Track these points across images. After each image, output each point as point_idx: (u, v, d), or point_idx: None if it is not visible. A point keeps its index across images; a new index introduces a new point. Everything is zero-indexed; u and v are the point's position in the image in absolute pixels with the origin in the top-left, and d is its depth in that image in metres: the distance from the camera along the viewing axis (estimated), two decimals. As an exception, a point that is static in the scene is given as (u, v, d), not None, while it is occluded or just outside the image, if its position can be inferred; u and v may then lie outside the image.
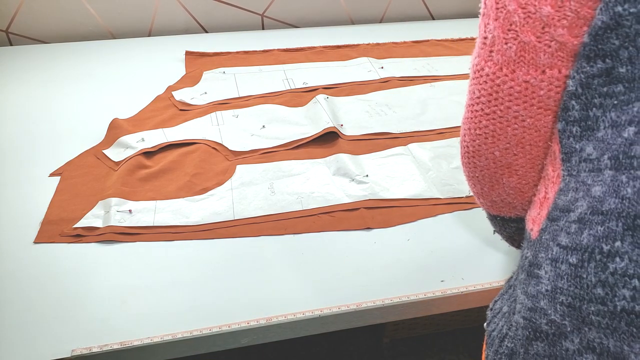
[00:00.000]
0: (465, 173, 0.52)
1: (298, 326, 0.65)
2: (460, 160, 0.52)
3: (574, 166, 0.40)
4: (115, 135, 0.95)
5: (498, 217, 0.55)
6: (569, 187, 0.41)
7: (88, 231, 0.75)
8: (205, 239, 0.75)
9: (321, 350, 1.19)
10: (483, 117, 0.45)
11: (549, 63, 0.40)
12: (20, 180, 0.85)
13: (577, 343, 0.38)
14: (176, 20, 1.39)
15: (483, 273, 0.70)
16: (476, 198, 0.55)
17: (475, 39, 0.45)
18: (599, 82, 0.38)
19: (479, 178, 0.50)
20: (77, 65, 1.20)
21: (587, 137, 0.39)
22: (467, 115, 0.48)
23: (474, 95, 0.45)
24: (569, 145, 0.41)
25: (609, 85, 0.37)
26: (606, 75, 0.37)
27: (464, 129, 0.49)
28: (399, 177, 0.87)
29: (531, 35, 0.39)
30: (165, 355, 0.62)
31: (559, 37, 0.39)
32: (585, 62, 0.38)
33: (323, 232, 0.76)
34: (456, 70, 1.21)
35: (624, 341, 0.35)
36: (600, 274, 0.36)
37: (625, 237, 0.35)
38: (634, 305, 0.34)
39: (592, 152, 0.39)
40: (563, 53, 0.39)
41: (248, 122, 1.01)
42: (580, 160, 0.40)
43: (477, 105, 0.45)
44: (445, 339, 1.21)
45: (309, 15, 1.46)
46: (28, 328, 0.62)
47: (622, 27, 0.35)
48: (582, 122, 0.39)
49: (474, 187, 0.53)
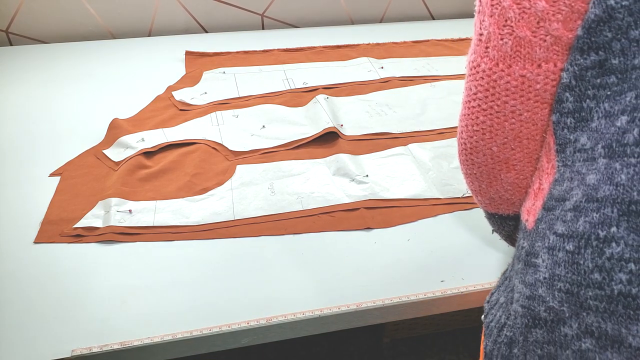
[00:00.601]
0: (463, 170, 0.53)
1: (298, 326, 0.65)
2: (458, 157, 0.52)
3: (569, 157, 0.41)
4: (115, 135, 0.95)
5: (496, 215, 0.55)
6: (563, 177, 0.41)
7: (88, 231, 0.75)
8: (205, 239, 0.75)
9: (321, 350, 1.19)
10: (480, 113, 0.46)
11: (544, 57, 0.41)
12: (20, 180, 0.85)
13: (575, 328, 0.38)
14: (176, 20, 1.39)
15: (483, 273, 0.70)
16: (474, 196, 0.55)
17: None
18: (593, 74, 0.38)
19: (476, 175, 0.51)
20: (77, 65, 1.20)
21: (581, 128, 0.40)
22: (464, 112, 0.48)
23: (471, 91, 0.46)
24: (563, 137, 0.42)
25: (602, 76, 0.38)
26: (599, 67, 0.38)
27: (461, 125, 0.49)
28: (399, 177, 0.87)
29: (526, 30, 0.40)
30: (165, 355, 0.62)
31: (554, 32, 0.39)
32: (579, 54, 0.39)
33: (323, 232, 0.76)
34: (456, 70, 1.21)
35: (621, 324, 0.36)
36: (597, 260, 0.36)
37: (621, 223, 0.35)
38: (630, 288, 0.35)
39: (586, 142, 0.39)
40: (558, 47, 0.40)
41: (248, 122, 1.01)
42: (575, 150, 0.40)
43: (474, 101, 0.46)
44: (445, 339, 1.21)
45: (309, 15, 1.46)
46: (28, 328, 0.62)
47: (614, 20, 0.36)
48: (576, 114, 0.40)
49: (471, 185, 0.53)
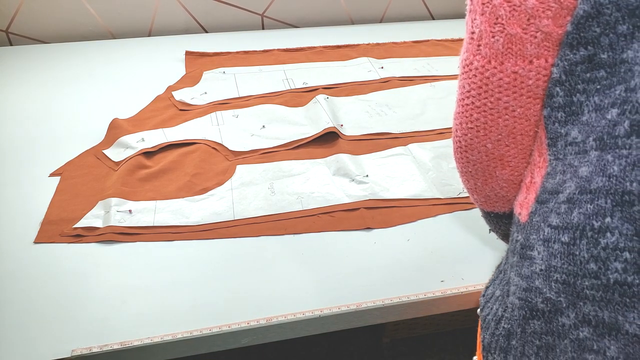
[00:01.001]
0: (459, 168, 0.53)
1: (298, 326, 0.65)
2: (453, 156, 0.53)
3: (560, 150, 0.42)
4: (115, 135, 0.95)
5: (492, 214, 0.55)
6: (556, 170, 0.42)
7: (88, 231, 0.75)
8: (206, 239, 0.75)
9: (321, 350, 1.19)
10: (474, 110, 0.46)
11: (535, 53, 0.41)
12: (20, 180, 0.85)
13: (572, 318, 0.39)
14: (176, 20, 1.39)
15: (483, 273, 0.70)
16: (470, 195, 0.55)
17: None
18: (582, 69, 0.39)
19: (472, 173, 0.51)
20: (77, 65, 1.20)
21: (571, 122, 0.41)
22: (458, 110, 0.49)
23: (464, 89, 0.47)
24: (554, 131, 0.42)
25: (592, 71, 0.39)
26: (588, 61, 0.39)
27: (456, 124, 0.50)
28: (399, 177, 0.87)
29: (517, 28, 0.41)
30: (165, 355, 0.62)
31: (544, 28, 0.40)
32: (568, 50, 0.39)
33: (323, 232, 0.76)
34: (456, 70, 1.21)
35: (618, 312, 0.36)
36: (592, 250, 0.37)
37: (615, 213, 0.36)
38: (625, 276, 0.35)
39: (578, 136, 0.40)
40: (549, 43, 0.40)
41: (248, 122, 1.01)
42: (566, 144, 0.41)
43: (468, 99, 0.47)
44: (445, 339, 1.21)
45: (309, 15, 1.46)
46: (28, 328, 0.62)
47: (602, 15, 0.37)
48: (567, 108, 0.41)
49: (467, 183, 0.54)
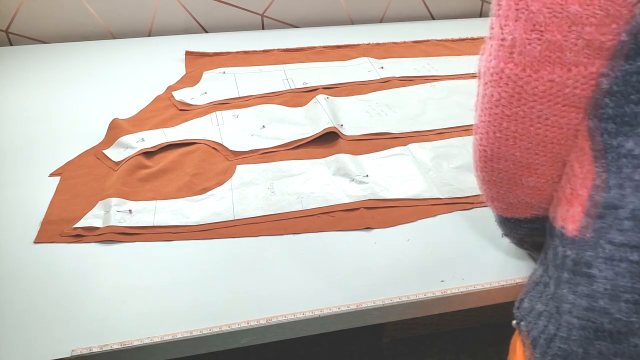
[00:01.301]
0: (481, 177, 0.52)
1: (298, 326, 0.64)
2: (475, 165, 0.51)
3: (612, 162, 0.40)
4: (115, 135, 0.95)
5: (512, 219, 0.54)
6: (609, 183, 0.41)
7: (88, 231, 0.75)
8: (205, 239, 0.75)
9: (321, 350, 1.19)
10: (504, 120, 0.45)
11: (574, 61, 0.40)
12: (20, 180, 0.85)
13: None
14: (176, 20, 1.39)
15: (483, 273, 0.70)
16: (490, 202, 0.54)
17: (476, 39, 0.46)
18: (638, 79, 0.38)
19: (496, 181, 0.50)
20: (77, 65, 1.20)
21: (624, 133, 0.39)
22: (484, 119, 0.47)
23: (493, 97, 0.45)
24: (603, 142, 0.41)
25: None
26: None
27: (481, 133, 0.48)
28: (399, 177, 0.87)
29: (557, 34, 0.39)
30: (165, 355, 0.62)
31: (586, 35, 0.39)
32: (623, 60, 0.38)
33: (323, 232, 0.76)
34: (456, 70, 1.21)
35: None
36: None
37: None
38: None
39: (634, 148, 0.39)
40: (589, 50, 0.39)
41: (248, 122, 1.01)
42: (619, 156, 0.40)
43: (497, 107, 0.45)
44: (445, 339, 1.21)
45: (309, 15, 1.46)
46: (28, 328, 0.62)
47: None
48: (618, 119, 0.40)
49: (489, 191, 0.52)
